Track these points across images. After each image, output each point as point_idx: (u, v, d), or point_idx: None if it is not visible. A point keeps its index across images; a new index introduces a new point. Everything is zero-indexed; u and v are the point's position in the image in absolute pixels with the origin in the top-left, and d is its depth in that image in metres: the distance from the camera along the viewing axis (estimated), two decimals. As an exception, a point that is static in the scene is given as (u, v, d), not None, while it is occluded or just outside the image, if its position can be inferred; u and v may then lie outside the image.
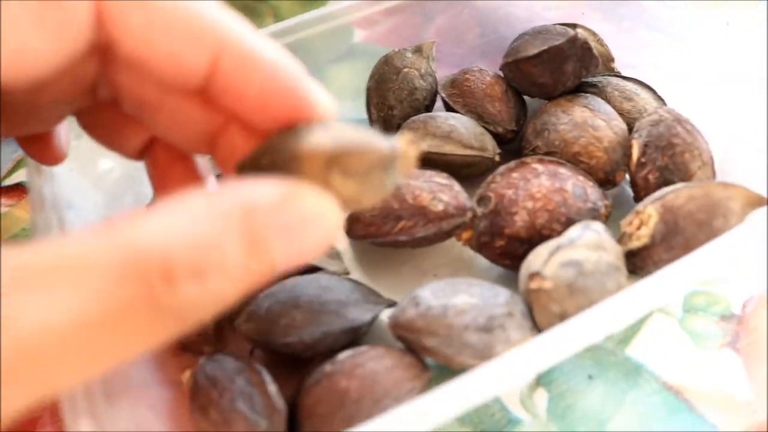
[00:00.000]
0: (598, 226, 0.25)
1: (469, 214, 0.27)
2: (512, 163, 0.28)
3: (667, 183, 0.28)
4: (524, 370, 0.21)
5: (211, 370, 0.24)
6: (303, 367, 0.25)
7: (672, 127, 0.29)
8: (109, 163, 0.32)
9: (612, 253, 0.24)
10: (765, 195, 0.26)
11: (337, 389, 0.22)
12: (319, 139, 0.17)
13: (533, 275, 0.24)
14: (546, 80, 0.31)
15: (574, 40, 0.30)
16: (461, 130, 0.30)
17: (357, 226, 0.28)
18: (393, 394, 0.22)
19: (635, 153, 0.29)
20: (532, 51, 0.31)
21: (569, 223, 0.26)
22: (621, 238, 0.27)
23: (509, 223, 0.27)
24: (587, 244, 0.24)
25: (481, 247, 0.27)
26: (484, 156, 0.30)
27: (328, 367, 0.23)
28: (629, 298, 0.22)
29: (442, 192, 0.27)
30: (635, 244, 0.26)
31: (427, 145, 0.29)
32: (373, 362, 0.23)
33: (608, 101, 0.31)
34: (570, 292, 0.23)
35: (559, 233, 0.26)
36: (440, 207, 0.26)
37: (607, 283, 0.24)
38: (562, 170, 0.28)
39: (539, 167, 0.28)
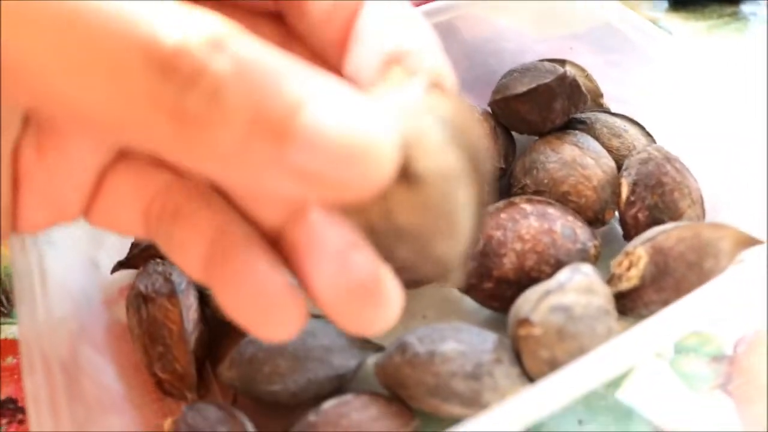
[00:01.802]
0: (587, 269, 0.25)
1: None
2: (501, 203, 0.28)
3: (656, 221, 0.28)
4: (515, 422, 0.20)
5: (193, 420, 0.23)
6: (287, 414, 0.25)
7: (661, 165, 0.28)
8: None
9: (602, 296, 0.24)
10: (756, 233, 0.26)
11: (319, 440, 0.22)
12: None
13: (522, 321, 0.23)
14: (535, 118, 0.31)
15: (563, 78, 0.30)
16: None
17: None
18: (377, 446, 0.22)
19: (624, 191, 0.28)
20: (521, 89, 0.30)
21: (558, 264, 0.26)
22: (611, 279, 0.26)
23: (498, 265, 0.26)
24: (576, 288, 0.24)
25: (469, 289, 0.27)
26: None
27: (312, 417, 0.23)
28: (622, 345, 0.21)
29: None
30: (625, 285, 0.26)
31: None
32: (357, 412, 0.23)
33: (597, 138, 0.31)
34: (559, 338, 0.23)
35: (549, 275, 0.26)
36: None
37: (597, 327, 0.23)
38: (551, 210, 0.27)
39: (528, 207, 0.27)
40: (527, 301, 0.24)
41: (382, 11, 0.18)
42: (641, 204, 0.28)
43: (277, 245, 0.18)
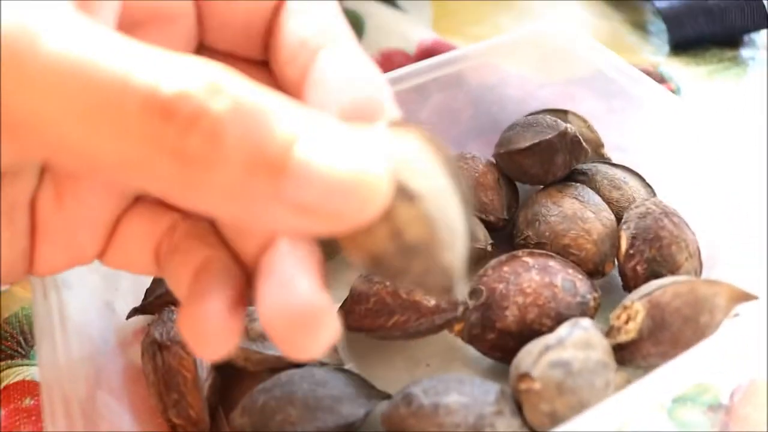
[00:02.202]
0: (586, 323, 0.26)
1: (461, 308, 0.27)
2: (504, 257, 0.29)
3: (655, 274, 0.29)
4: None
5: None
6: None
7: (659, 219, 0.29)
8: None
9: (600, 350, 0.25)
10: (751, 286, 0.27)
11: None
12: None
13: (522, 376, 0.24)
14: (537, 171, 0.32)
15: (564, 134, 0.31)
16: None
17: (350, 318, 0.28)
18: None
19: (623, 244, 0.29)
20: (524, 144, 0.32)
21: (559, 317, 0.27)
22: (610, 331, 0.27)
23: (500, 317, 0.27)
24: (575, 343, 0.25)
25: (472, 339, 0.28)
26: (477, 246, 0.31)
27: None
28: (622, 400, 0.22)
29: (434, 288, 0.27)
30: (624, 338, 0.27)
31: None
32: None
33: (597, 190, 0.32)
34: (559, 392, 0.24)
35: (549, 327, 0.27)
36: (433, 302, 0.27)
37: (596, 381, 0.24)
38: (552, 263, 0.28)
39: (530, 261, 0.28)
40: (528, 355, 0.25)
41: (340, 59, 0.19)
42: (640, 257, 0.29)
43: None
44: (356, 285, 0.29)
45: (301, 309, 0.16)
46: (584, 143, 0.32)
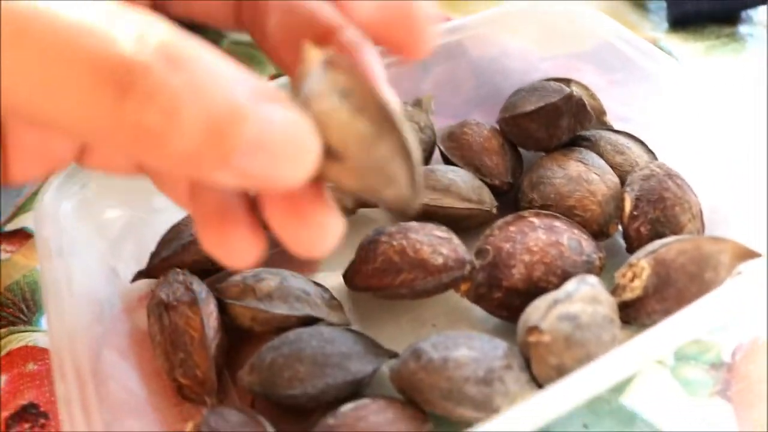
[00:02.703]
0: (593, 280, 0.26)
1: (468, 267, 0.27)
2: (510, 217, 0.29)
3: (658, 235, 0.29)
4: (525, 425, 0.21)
5: (216, 423, 0.24)
6: (305, 418, 0.26)
7: (663, 181, 0.30)
8: (116, 212, 0.32)
9: (607, 306, 0.25)
10: (753, 246, 0.27)
11: (338, 442, 0.23)
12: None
13: (531, 329, 0.24)
14: (542, 135, 0.32)
15: (569, 97, 0.31)
16: (460, 184, 0.31)
17: (357, 278, 0.29)
18: (393, 447, 0.23)
19: (628, 206, 0.30)
20: (529, 107, 0.32)
21: (565, 275, 0.27)
22: (615, 290, 0.28)
23: (507, 275, 0.27)
24: (583, 298, 0.25)
25: (478, 298, 0.28)
26: (482, 209, 0.31)
27: (330, 420, 0.24)
28: (626, 352, 0.22)
29: (441, 245, 0.27)
30: (629, 295, 0.27)
31: (427, 198, 0.30)
32: (375, 415, 0.24)
33: (601, 155, 0.32)
34: (567, 345, 0.24)
35: (556, 285, 0.27)
36: (440, 260, 0.27)
37: (603, 335, 0.24)
38: (558, 224, 0.29)
39: (536, 221, 0.28)
40: (536, 310, 0.25)
41: None
42: (644, 218, 0.29)
43: None
44: (362, 245, 0.29)
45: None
46: (589, 108, 0.32)
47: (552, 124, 0.32)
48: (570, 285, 0.25)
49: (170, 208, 0.29)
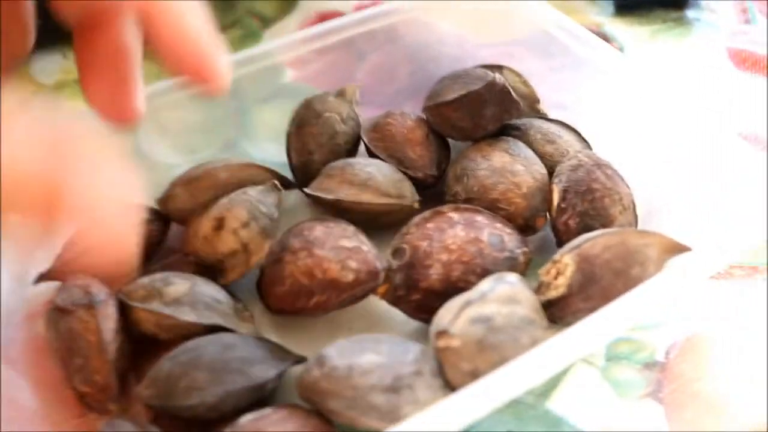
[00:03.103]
0: (512, 278, 0.24)
1: (382, 275, 0.26)
2: (427, 213, 0.27)
3: (587, 228, 0.28)
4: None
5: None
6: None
7: (591, 171, 0.28)
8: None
9: (526, 306, 0.24)
10: (687, 240, 0.26)
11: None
12: None
13: (440, 333, 0.23)
14: (466, 125, 0.30)
15: (492, 84, 0.30)
16: (378, 178, 0.29)
17: (270, 300, 0.27)
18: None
19: (555, 198, 0.28)
20: (451, 96, 0.30)
21: (485, 273, 0.26)
22: (539, 288, 0.26)
23: (424, 276, 0.26)
24: (499, 298, 0.23)
25: (397, 300, 0.27)
26: (403, 204, 0.29)
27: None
28: (544, 352, 0.21)
29: (350, 258, 0.26)
30: (553, 293, 0.26)
31: (344, 194, 0.29)
32: (274, 426, 0.22)
33: (530, 144, 0.31)
34: (480, 349, 0.22)
35: (475, 285, 0.25)
36: (351, 276, 0.26)
37: (521, 337, 0.23)
38: (479, 218, 0.27)
39: (455, 216, 0.27)
40: (447, 312, 0.23)
41: None
42: (572, 211, 0.28)
43: None
44: (267, 262, 0.27)
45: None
46: (515, 95, 0.30)
47: (476, 113, 0.30)
48: (485, 284, 0.24)
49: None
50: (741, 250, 0.25)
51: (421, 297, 0.26)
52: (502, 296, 0.23)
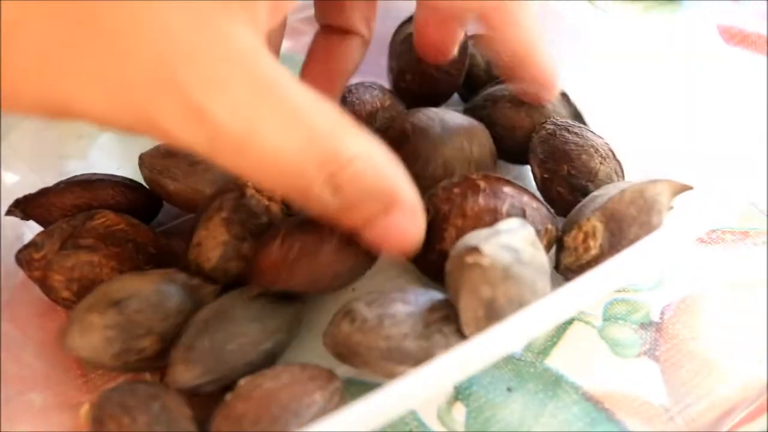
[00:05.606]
0: (532, 229, 0.24)
1: None
2: (457, 178, 0.27)
3: (577, 188, 0.29)
4: (440, 382, 0.20)
5: (121, 397, 0.22)
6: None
7: (561, 136, 0.29)
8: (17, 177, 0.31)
9: (544, 256, 0.24)
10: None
11: (235, 415, 0.21)
12: None
13: (471, 249, 0.22)
14: None
15: None
16: None
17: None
18: (291, 409, 0.21)
19: (537, 172, 0.30)
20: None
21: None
22: (569, 254, 0.26)
23: (439, 238, 0.26)
24: (525, 239, 0.23)
25: (416, 258, 0.26)
26: None
27: (228, 395, 0.22)
28: (551, 302, 0.22)
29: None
30: (586, 257, 0.26)
31: None
32: (269, 381, 0.22)
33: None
34: (504, 277, 0.22)
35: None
36: None
37: (538, 282, 0.23)
38: (506, 189, 0.27)
39: (482, 184, 0.27)
40: (475, 236, 0.23)
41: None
42: (557, 178, 0.29)
43: None
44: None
45: None
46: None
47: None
48: (513, 222, 0.24)
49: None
50: (728, 213, 0.26)
51: (436, 258, 0.26)
52: (528, 238, 0.23)
